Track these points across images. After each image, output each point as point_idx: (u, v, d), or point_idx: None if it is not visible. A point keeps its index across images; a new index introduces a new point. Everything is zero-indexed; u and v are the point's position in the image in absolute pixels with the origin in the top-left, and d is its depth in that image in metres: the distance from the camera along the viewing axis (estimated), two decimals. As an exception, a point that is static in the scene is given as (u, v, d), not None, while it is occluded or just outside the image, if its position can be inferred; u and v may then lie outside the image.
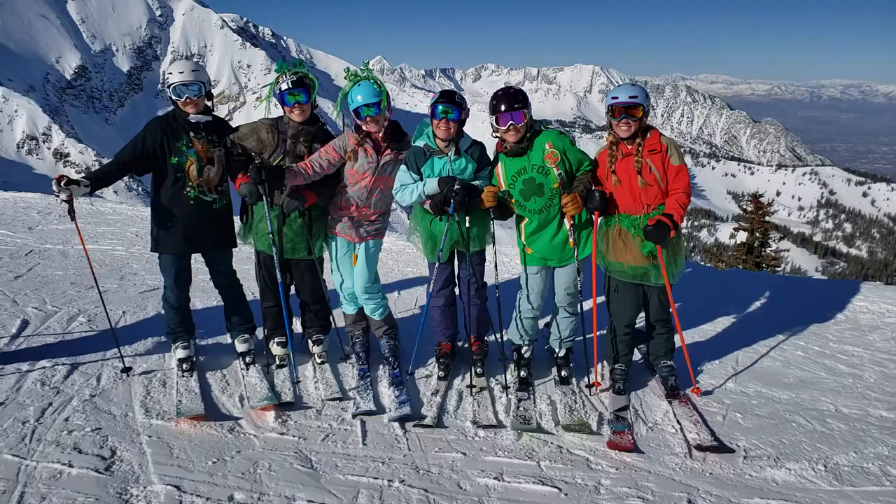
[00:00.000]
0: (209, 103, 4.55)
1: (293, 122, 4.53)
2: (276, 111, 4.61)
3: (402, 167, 4.48)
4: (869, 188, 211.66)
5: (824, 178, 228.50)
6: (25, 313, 5.72)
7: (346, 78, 4.47)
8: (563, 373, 4.82)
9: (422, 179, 4.44)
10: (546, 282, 4.68)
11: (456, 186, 4.25)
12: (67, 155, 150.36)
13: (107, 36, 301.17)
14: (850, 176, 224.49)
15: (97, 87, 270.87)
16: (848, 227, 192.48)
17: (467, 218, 4.47)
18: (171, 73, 4.38)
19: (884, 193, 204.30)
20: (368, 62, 4.62)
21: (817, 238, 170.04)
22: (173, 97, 4.39)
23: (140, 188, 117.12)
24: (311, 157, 4.48)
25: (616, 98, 4.27)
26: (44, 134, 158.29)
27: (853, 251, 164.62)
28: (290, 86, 4.42)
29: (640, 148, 4.30)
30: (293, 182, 4.42)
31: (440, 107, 4.31)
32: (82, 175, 4.26)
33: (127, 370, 4.73)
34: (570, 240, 4.45)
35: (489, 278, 4.81)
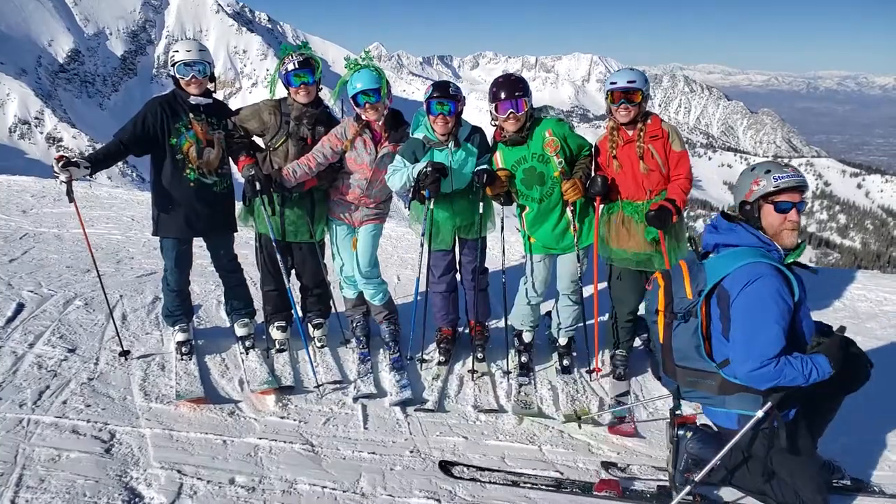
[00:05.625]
0: (210, 86, 4.50)
1: (298, 103, 4.47)
2: (280, 93, 4.56)
3: (398, 156, 4.39)
4: (863, 180, 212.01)
5: (819, 169, 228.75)
6: (21, 296, 5.67)
7: (346, 67, 4.40)
8: (565, 362, 4.80)
9: None
10: (549, 270, 4.65)
11: (427, 169, 4.14)
12: (60, 139, 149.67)
13: (100, 19, 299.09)
14: (844, 167, 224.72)
15: (90, 72, 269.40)
16: (842, 218, 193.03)
17: (432, 201, 4.36)
18: (176, 52, 4.33)
19: (878, 185, 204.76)
20: (368, 50, 4.55)
21: (811, 229, 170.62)
22: (177, 75, 4.33)
23: (135, 174, 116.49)
24: (314, 149, 4.43)
25: (615, 83, 4.23)
26: (36, 118, 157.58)
27: (847, 242, 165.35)
28: (297, 66, 4.36)
29: (641, 133, 4.27)
30: (299, 180, 4.39)
31: (434, 103, 4.21)
32: (81, 157, 4.21)
33: (125, 353, 4.70)
34: (572, 227, 4.43)
35: (496, 264, 4.78)
